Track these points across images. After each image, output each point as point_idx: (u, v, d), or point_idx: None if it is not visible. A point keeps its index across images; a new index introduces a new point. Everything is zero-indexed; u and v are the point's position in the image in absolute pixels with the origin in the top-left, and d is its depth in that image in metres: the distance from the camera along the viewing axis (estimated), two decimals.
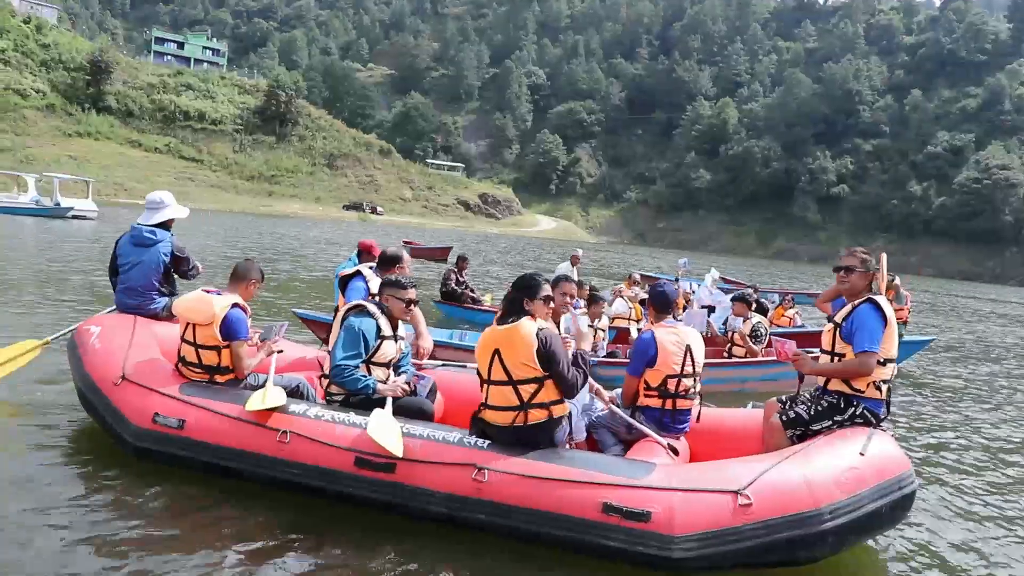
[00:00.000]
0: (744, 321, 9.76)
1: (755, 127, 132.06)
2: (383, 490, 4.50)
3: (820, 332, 4.93)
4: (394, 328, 5.29)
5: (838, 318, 4.99)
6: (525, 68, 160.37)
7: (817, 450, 4.52)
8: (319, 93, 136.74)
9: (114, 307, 6.49)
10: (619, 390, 5.55)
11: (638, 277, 14.82)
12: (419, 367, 6.15)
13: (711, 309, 11.34)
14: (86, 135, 76.96)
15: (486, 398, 4.65)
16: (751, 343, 9.58)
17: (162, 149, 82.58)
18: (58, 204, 34.62)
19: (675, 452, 4.93)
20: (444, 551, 4.31)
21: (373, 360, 5.12)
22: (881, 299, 4.93)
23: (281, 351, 6.13)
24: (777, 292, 16.05)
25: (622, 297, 12.16)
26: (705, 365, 9.33)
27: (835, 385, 4.91)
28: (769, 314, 13.94)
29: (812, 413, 4.96)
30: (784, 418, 5.06)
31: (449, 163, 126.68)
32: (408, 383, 5.15)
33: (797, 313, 13.97)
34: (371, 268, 6.87)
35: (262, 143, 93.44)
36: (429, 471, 4.44)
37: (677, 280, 14.50)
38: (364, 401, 4.93)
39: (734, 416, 5.81)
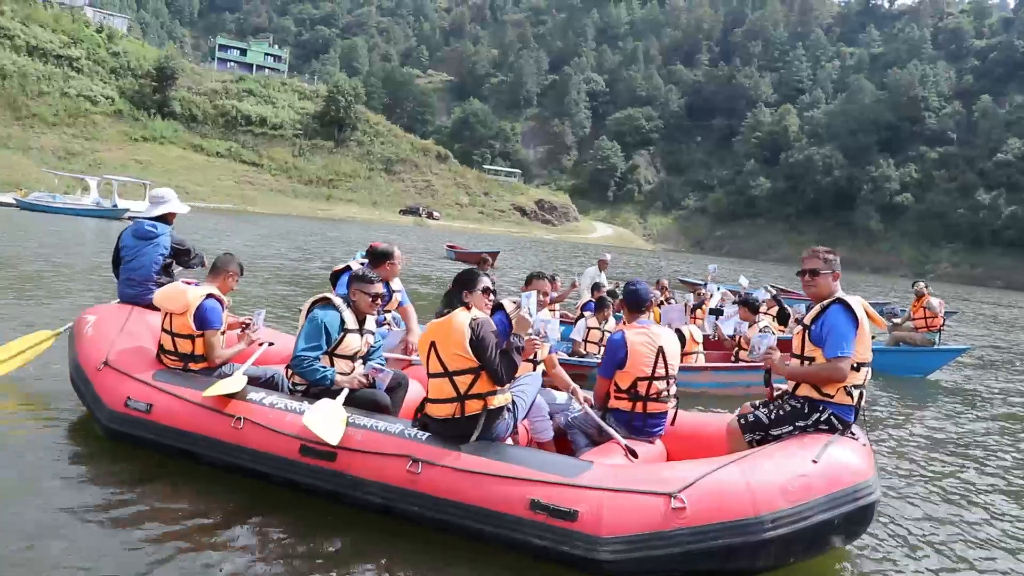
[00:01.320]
0: (750, 326, 9.63)
1: (816, 134, 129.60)
2: (324, 478, 4.54)
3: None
4: (361, 322, 5.34)
5: (807, 320, 4.83)
6: (584, 74, 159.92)
7: (767, 455, 4.35)
8: (379, 99, 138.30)
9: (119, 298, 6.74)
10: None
11: (666, 283, 14.67)
12: (407, 364, 6.22)
13: (719, 312, 11.19)
14: (151, 140, 79.17)
15: (427, 392, 4.65)
16: None
17: (223, 153, 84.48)
18: (115, 206, 35.73)
19: (634, 455, 4.79)
20: (381, 542, 4.31)
21: (336, 352, 5.18)
22: (852, 299, 4.75)
23: (272, 343, 6.28)
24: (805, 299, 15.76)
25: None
26: (710, 370, 9.33)
27: (804, 390, 4.73)
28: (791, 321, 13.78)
29: (773, 417, 4.79)
30: (743, 421, 4.91)
31: (506, 169, 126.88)
32: (367, 376, 5.20)
33: None
34: (362, 264, 6.99)
35: (321, 148, 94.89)
36: (368, 461, 4.46)
37: (705, 285, 14.35)
38: (324, 392, 4.99)
39: (711, 420, 5.72)
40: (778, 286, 33.27)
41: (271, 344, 6.26)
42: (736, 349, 9.82)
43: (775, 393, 5.02)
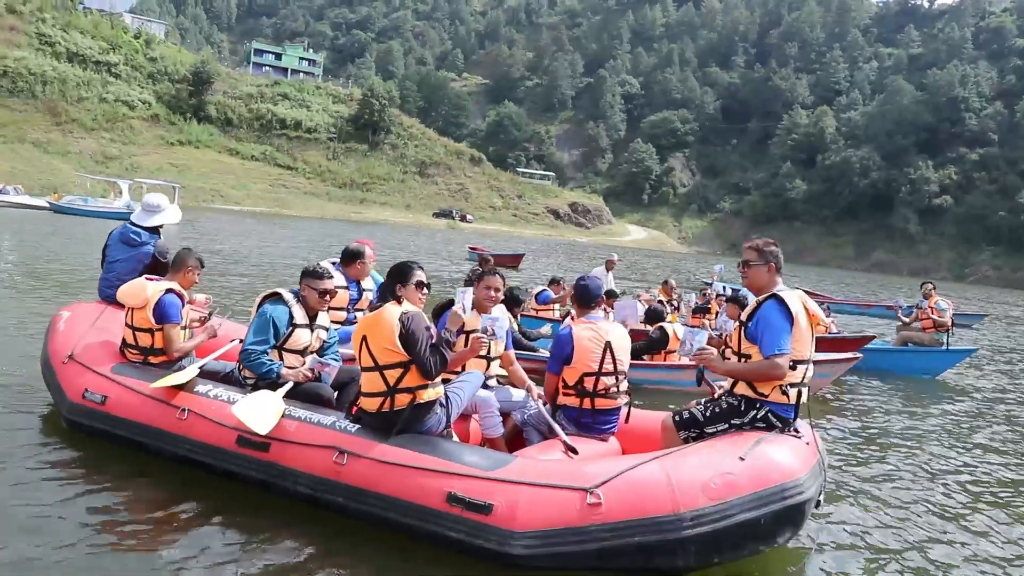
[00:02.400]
0: (736, 323, 9.54)
1: (854, 136, 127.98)
2: (258, 468, 4.59)
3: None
4: (312, 317, 5.39)
5: (743, 316, 4.74)
6: (619, 77, 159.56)
7: (694, 452, 4.28)
8: (414, 102, 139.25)
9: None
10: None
11: (673, 283, 14.64)
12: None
13: (705, 310, 11.10)
14: (187, 143, 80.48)
15: (360, 385, 4.68)
16: None
17: (258, 157, 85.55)
18: None
19: (574, 452, 4.72)
20: (310, 534, 4.33)
21: (285, 347, 5.24)
22: (790, 294, 4.63)
23: (242, 340, 6.36)
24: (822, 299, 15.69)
25: (640, 302, 12.04)
26: (694, 368, 9.24)
27: (741, 388, 4.63)
28: None
29: (708, 415, 4.71)
30: (677, 419, 4.82)
31: (540, 172, 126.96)
32: (312, 370, 5.25)
33: (833, 321, 13.59)
34: (332, 263, 7.07)
35: (355, 151, 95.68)
36: (298, 452, 4.50)
37: (710, 284, 14.29)
38: (272, 385, 5.05)
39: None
40: (807, 289, 33.16)
41: (241, 341, 6.34)
42: (723, 347, 9.71)
43: (717, 392, 4.96)
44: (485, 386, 5.51)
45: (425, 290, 4.79)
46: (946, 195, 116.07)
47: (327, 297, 5.34)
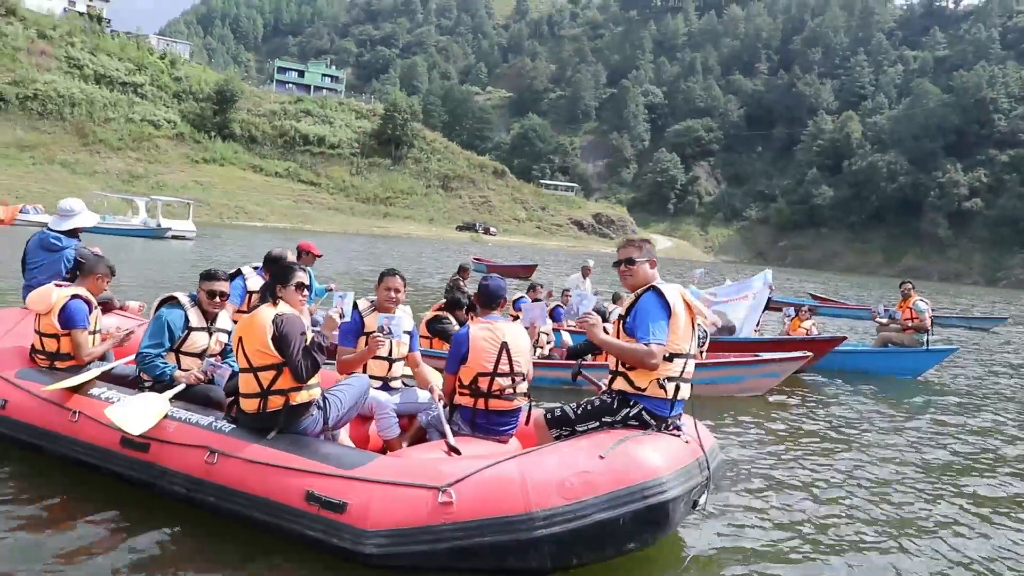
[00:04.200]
0: (617, 317, 9.45)
1: (880, 141, 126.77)
2: (139, 469, 4.63)
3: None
4: (209, 320, 5.45)
5: (622, 309, 4.68)
6: (642, 87, 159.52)
7: (555, 451, 4.22)
8: (439, 117, 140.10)
9: None
10: None
11: None
12: None
13: None
14: (212, 161, 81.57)
15: (238, 386, 4.70)
16: None
17: (282, 173, 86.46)
18: (159, 225, 36.80)
19: (456, 453, 4.64)
20: (181, 533, 4.38)
21: (182, 350, 5.29)
22: (668, 286, 4.58)
23: None
24: (793, 304, 15.57)
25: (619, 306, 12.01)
26: None
27: (619, 384, 4.56)
28: (786, 326, 13.57)
29: (580, 412, 4.65)
30: (549, 416, 4.77)
31: (564, 184, 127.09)
32: (205, 372, 5.30)
33: (814, 324, 13.46)
34: (254, 268, 7.13)
35: (378, 166, 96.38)
36: (175, 452, 4.53)
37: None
38: (165, 387, 5.10)
39: None
40: (817, 294, 32.88)
41: None
42: None
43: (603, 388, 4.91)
44: (388, 388, 5.55)
45: (306, 291, 4.81)
46: (976, 198, 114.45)
47: (217, 299, 5.38)
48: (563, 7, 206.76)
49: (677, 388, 4.54)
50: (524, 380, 5.21)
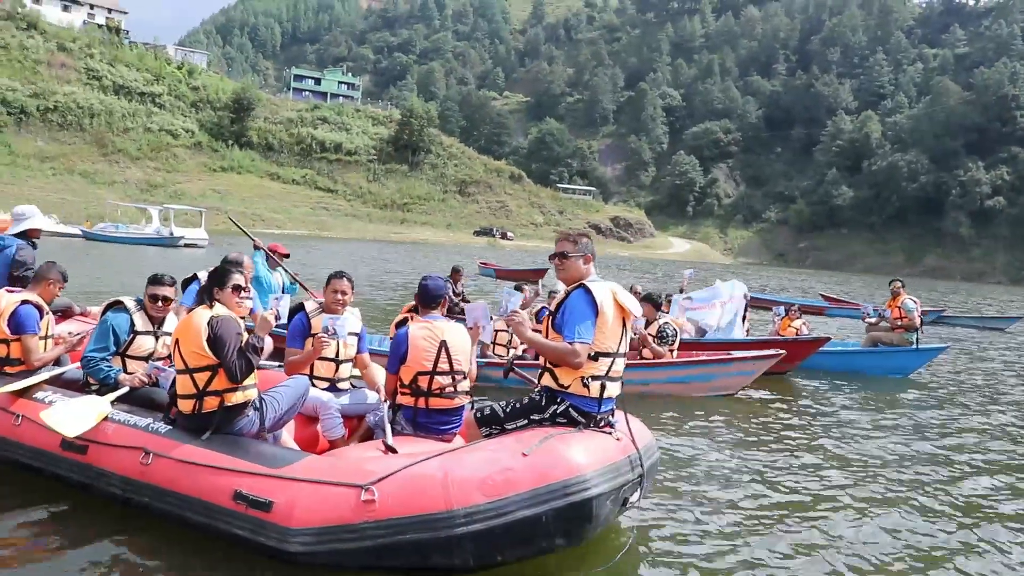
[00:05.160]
0: (648, 324, 9.48)
1: (900, 140, 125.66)
2: (79, 471, 4.68)
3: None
4: (156, 324, 5.49)
5: (552, 306, 4.67)
6: (660, 90, 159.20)
7: (479, 449, 4.24)
8: (456, 122, 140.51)
9: None
10: None
11: (639, 289, 14.53)
12: None
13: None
14: (229, 169, 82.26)
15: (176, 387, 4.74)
16: (655, 345, 9.32)
17: (299, 180, 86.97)
18: (171, 234, 37.18)
19: (393, 451, 4.57)
20: (118, 533, 4.42)
21: (128, 353, 5.34)
22: (599, 284, 4.55)
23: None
24: (783, 303, 15.53)
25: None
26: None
27: (546, 380, 4.55)
28: (775, 325, 13.52)
29: (509, 410, 4.64)
30: (479, 415, 4.77)
31: (582, 187, 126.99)
32: (149, 375, 5.36)
33: (804, 324, 13.39)
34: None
35: (395, 172, 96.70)
36: (112, 454, 4.57)
37: (681, 291, 14.15)
38: (110, 390, 5.17)
39: None
40: (828, 294, 32.65)
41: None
42: (642, 347, 9.63)
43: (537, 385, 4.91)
44: (335, 389, 5.60)
45: (243, 293, 4.86)
46: (999, 196, 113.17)
47: (160, 303, 5.44)
48: (579, 11, 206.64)
49: (603, 386, 4.52)
50: (465, 379, 5.24)
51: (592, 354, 4.45)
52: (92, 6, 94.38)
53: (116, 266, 24.61)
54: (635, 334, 9.55)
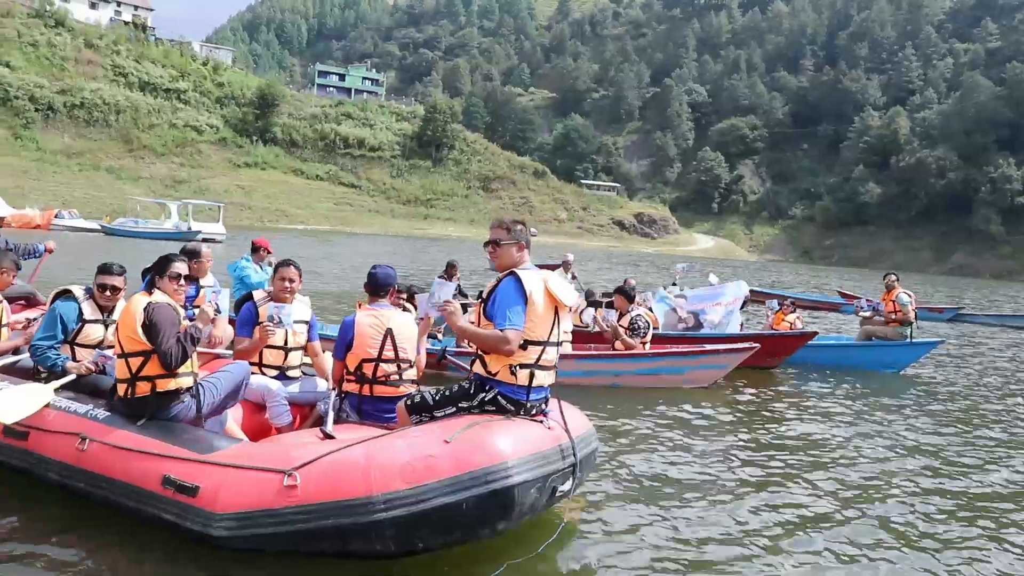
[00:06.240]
0: (621, 316, 9.48)
1: (929, 136, 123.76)
2: (19, 457, 4.75)
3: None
4: (106, 312, 5.54)
5: (485, 293, 4.67)
6: (685, 86, 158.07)
7: (404, 435, 4.25)
8: (481, 118, 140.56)
9: None
10: None
11: (633, 283, 14.49)
12: (213, 357, 6.38)
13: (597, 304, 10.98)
14: (254, 165, 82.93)
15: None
16: (627, 337, 9.29)
17: (323, 176, 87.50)
18: (189, 228, 37.54)
19: (331, 438, 4.54)
20: (55, 519, 4.49)
21: (77, 341, 5.39)
22: (530, 273, 4.54)
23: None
24: (776, 298, 15.46)
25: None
26: (575, 357, 9.11)
27: (476, 367, 4.57)
28: (769, 319, 13.43)
29: (438, 398, 4.65)
30: (408, 403, 4.77)
31: (607, 184, 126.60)
32: (95, 363, 5.41)
33: (798, 318, 13.27)
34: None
35: (419, 168, 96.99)
36: (50, 439, 4.62)
37: (675, 284, 14.10)
38: (58, 377, 5.22)
39: None
40: (844, 291, 32.33)
41: None
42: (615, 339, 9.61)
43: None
44: (285, 377, 5.64)
45: (182, 281, 4.92)
46: None
47: (108, 292, 5.49)
48: (605, 7, 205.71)
49: (532, 375, 4.50)
50: (411, 367, 5.28)
51: (523, 342, 4.44)
52: (119, 3, 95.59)
53: (131, 260, 24.83)
54: (608, 326, 9.55)
